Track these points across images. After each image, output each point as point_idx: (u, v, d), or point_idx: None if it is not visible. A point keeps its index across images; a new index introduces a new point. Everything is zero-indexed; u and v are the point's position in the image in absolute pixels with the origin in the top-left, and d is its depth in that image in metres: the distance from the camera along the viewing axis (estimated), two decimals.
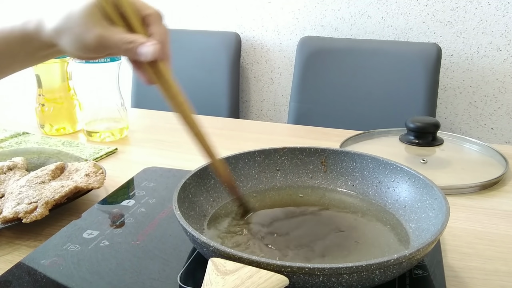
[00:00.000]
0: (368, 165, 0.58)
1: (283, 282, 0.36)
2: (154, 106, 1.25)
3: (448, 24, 1.39)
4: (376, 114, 1.32)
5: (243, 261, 0.37)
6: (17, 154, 0.72)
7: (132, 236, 0.50)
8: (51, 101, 0.89)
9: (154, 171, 0.69)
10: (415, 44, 1.34)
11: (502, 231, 0.55)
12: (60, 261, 0.45)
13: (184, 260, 0.45)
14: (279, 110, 1.68)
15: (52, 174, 0.62)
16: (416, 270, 0.44)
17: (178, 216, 0.43)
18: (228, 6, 1.60)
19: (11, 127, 0.95)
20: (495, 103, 1.43)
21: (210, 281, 0.35)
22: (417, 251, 0.38)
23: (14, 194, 0.56)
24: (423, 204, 0.50)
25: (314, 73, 1.37)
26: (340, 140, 0.81)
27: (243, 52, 1.64)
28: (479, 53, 1.39)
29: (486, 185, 0.67)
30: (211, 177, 0.56)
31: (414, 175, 0.53)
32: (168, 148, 0.85)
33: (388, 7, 1.43)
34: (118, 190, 0.62)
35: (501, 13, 1.34)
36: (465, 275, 0.47)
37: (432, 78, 1.26)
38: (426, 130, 0.79)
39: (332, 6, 1.49)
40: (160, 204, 0.58)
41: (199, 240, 0.39)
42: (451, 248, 0.51)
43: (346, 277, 0.36)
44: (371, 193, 0.57)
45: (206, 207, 0.53)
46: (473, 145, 0.81)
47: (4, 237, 0.53)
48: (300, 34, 1.54)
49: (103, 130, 0.88)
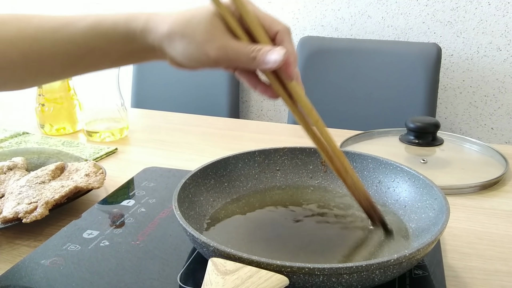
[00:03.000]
0: (368, 165, 0.58)
1: (283, 282, 0.36)
2: (154, 106, 1.25)
3: (448, 24, 1.39)
4: (376, 114, 1.32)
5: (243, 261, 0.37)
6: (17, 154, 0.72)
7: (132, 236, 0.50)
8: (51, 101, 0.89)
9: (154, 171, 0.69)
10: (415, 44, 1.34)
11: (502, 231, 0.55)
12: (60, 261, 0.45)
13: (184, 260, 0.45)
14: (279, 110, 1.68)
15: (52, 174, 0.62)
16: (416, 270, 0.44)
17: (178, 216, 0.43)
18: None
19: (11, 127, 0.95)
20: (495, 103, 1.43)
21: (210, 281, 0.35)
22: (417, 251, 0.38)
23: (14, 194, 0.56)
24: (423, 204, 0.50)
25: (314, 73, 1.37)
26: (340, 140, 0.81)
27: None
28: (479, 53, 1.39)
29: (486, 185, 0.67)
30: (211, 177, 0.56)
31: (414, 175, 0.53)
32: (168, 148, 0.85)
33: (388, 7, 1.43)
34: (118, 190, 0.62)
35: (501, 13, 1.34)
36: (465, 275, 0.47)
37: (432, 78, 1.26)
38: (426, 130, 0.79)
39: (332, 6, 1.49)
40: (160, 204, 0.58)
41: (199, 240, 0.39)
42: (451, 248, 0.51)
43: (346, 277, 0.36)
44: (371, 193, 0.57)
45: (206, 207, 0.53)
46: (473, 145, 0.81)
47: (4, 237, 0.53)
48: (300, 34, 1.54)
49: (103, 130, 0.88)
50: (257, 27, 0.41)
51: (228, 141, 0.89)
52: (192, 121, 1.02)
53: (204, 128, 0.97)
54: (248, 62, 0.41)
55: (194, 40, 0.40)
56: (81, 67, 0.45)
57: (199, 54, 0.41)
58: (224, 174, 0.57)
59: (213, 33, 0.40)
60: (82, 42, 0.43)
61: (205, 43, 0.40)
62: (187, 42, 0.40)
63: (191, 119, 1.04)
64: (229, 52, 0.41)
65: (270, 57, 0.40)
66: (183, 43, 0.40)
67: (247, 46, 0.41)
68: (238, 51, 0.41)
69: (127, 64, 0.46)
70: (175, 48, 0.41)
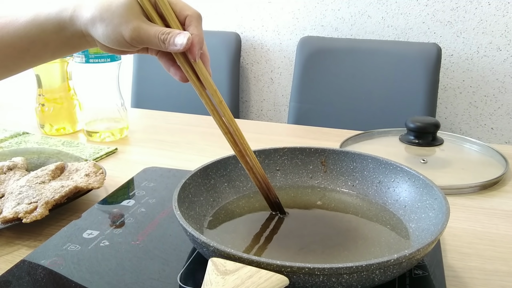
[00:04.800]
0: (368, 165, 0.58)
1: (283, 282, 0.36)
2: (154, 106, 1.25)
3: (448, 24, 1.39)
4: (376, 114, 1.32)
5: (243, 261, 0.37)
6: (17, 154, 0.72)
7: (132, 236, 0.50)
8: (51, 101, 0.89)
9: (154, 171, 0.69)
10: (415, 44, 1.34)
11: (502, 231, 0.55)
12: (60, 261, 0.45)
13: (184, 260, 0.45)
14: (279, 110, 1.68)
15: (52, 174, 0.62)
16: (416, 270, 0.44)
17: (178, 216, 0.43)
18: (228, 6, 1.60)
19: (11, 127, 0.95)
20: (495, 103, 1.43)
21: (210, 281, 0.35)
22: (417, 251, 0.38)
23: (14, 194, 0.56)
24: (423, 204, 0.50)
25: (314, 73, 1.37)
26: (340, 140, 0.81)
27: (243, 52, 1.64)
28: (479, 53, 1.39)
29: (486, 185, 0.67)
30: (211, 177, 0.56)
31: (414, 175, 0.53)
32: (168, 148, 0.85)
33: (388, 7, 1.43)
34: (118, 190, 0.62)
35: (501, 13, 1.34)
36: (465, 275, 0.47)
37: (432, 78, 1.26)
38: (426, 130, 0.79)
39: (332, 6, 1.49)
40: (160, 204, 0.58)
41: (199, 240, 0.39)
42: (451, 248, 0.51)
43: (346, 277, 0.36)
44: (371, 193, 0.57)
45: (206, 207, 0.53)
46: (473, 145, 0.81)
47: (4, 237, 0.53)
48: (300, 34, 1.54)
49: (103, 130, 0.88)
50: (169, 11, 0.46)
51: None
52: (192, 121, 1.02)
53: (204, 128, 0.97)
54: (159, 44, 0.45)
55: (112, 23, 0.44)
56: (28, 59, 0.50)
57: (116, 35, 0.45)
58: (224, 174, 0.57)
59: (129, 16, 0.44)
60: (24, 35, 0.47)
61: (120, 25, 0.44)
62: (105, 25, 0.45)
63: (191, 119, 1.04)
64: (142, 34, 0.44)
65: (177, 40, 0.44)
66: (102, 26, 0.45)
67: (158, 28, 0.45)
68: (149, 33, 0.44)
69: (67, 53, 0.51)
70: (97, 31, 0.45)
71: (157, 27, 0.45)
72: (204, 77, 0.48)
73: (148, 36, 0.44)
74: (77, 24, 0.46)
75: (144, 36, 0.44)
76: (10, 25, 0.47)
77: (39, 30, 0.47)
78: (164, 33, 0.44)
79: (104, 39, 0.46)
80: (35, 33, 0.47)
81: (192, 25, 0.46)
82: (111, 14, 0.44)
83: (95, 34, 0.46)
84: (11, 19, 0.48)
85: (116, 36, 0.45)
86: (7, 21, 0.48)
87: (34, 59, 0.50)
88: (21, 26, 0.47)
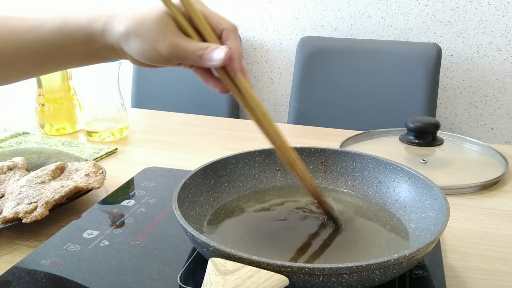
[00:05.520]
0: (368, 165, 0.58)
1: (283, 282, 0.36)
2: (154, 106, 1.25)
3: (448, 24, 1.39)
4: (376, 114, 1.32)
5: (243, 261, 0.37)
6: (17, 154, 0.72)
7: (132, 236, 0.50)
8: (51, 101, 0.89)
9: (154, 171, 0.69)
10: (415, 44, 1.34)
11: (502, 231, 0.55)
12: (60, 261, 0.45)
13: (184, 260, 0.45)
14: (279, 110, 1.68)
15: (52, 174, 0.62)
16: (416, 270, 0.44)
17: (178, 216, 0.43)
18: (228, 6, 1.60)
19: (11, 127, 0.95)
20: (495, 103, 1.43)
21: (210, 281, 0.35)
22: (417, 251, 0.38)
23: (14, 194, 0.56)
24: (423, 204, 0.50)
25: (314, 73, 1.37)
26: (340, 140, 0.81)
27: (243, 52, 1.64)
28: (479, 53, 1.39)
29: (486, 185, 0.67)
30: (211, 177, 0.56)
31: (414, 175, 0.53)
32: (168, 148, 0.85)
33: (388, 7, 1.43)
34: (118, 190, 0.62)
35: (501, 13, 1.34)
36: (465, 275, 0.47)
37: (432, 78, 1.26)
38: (426, 130, 0.79)
39: (332, 6, 1.49)
40: (160, 204, 0.58)
41: (199, 240, 0.39)
42: (451, 248, 0.51)
43: (346, 277, 0.36)
44: (371, 193, 0.57)
45: (206, 207, 0.53)
46: (473, 145, 0.81)
47: (4, 237, 0.53)
48: (300, 34, 1.54)
49: (103, 130, 0.88)
50: (205, 25, 0.44)
51: (228, 141, 0.89)
52: (192, 121, 1.02)
53: (204, 128, 0.97)
54: (196, 59, 0.43)
55: (147, 39, 0.43)
56: (51, 65, 0.49)
57: (152, 51, 0.43)
58: (224, 174, 0.57)
59: (164, 32, 0.43)
60: (50, 42, 0.46)
61: (156, 41, 0.43)
62: (141, 41, 0.43)
63: (191, 119, 1.04)
64: (179, 50, 0.43)
65: (215, 55, 0.42)
66: (137, 42, 0.43)
67: (195, 44, 0.43)
68: (186, 49, 0.43)
69: (95, 62, 0.49)
70: (131, 47, 0.44)
71: (194, 43, 0.43)
72: (246, 90, 0.46)
73: (185, 52, 0.43)
74: (109, 38, 0.44)
75: (182, 52, 0.43)
76: (35, 30, 0.46)
77: (67, 39, 0.45)
78: (202, 49, 0.43)
79: (138, 55, 0.44)
80: (62, 41, 0.46)
81: (230, 39, 0.45)
82: (146, 30, 0.43)
83: (129, 50, 0.44)
84: (37, 23, 0.46)
85: (152, 53, 0.43)
86: (33, 25, 0.46)
87: (57, 66, 0.49)
88: (48, 32, 0.45)
